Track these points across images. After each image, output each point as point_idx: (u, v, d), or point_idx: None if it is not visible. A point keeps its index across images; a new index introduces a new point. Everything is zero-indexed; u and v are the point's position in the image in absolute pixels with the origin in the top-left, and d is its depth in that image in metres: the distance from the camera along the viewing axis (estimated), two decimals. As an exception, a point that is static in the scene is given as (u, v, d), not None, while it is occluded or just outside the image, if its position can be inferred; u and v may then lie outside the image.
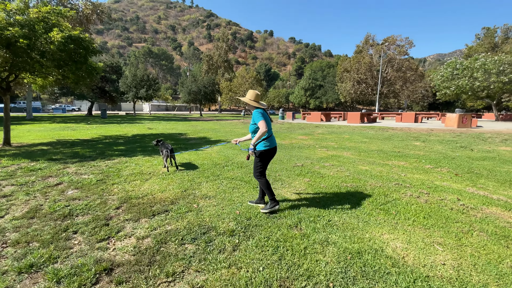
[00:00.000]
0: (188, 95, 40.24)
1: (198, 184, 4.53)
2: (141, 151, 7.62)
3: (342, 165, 5.89)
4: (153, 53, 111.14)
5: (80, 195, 3.98)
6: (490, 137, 10.50)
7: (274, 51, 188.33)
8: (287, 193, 4.08)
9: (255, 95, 3.38)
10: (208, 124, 20.11)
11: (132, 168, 5.63)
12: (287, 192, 4.11)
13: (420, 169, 5.59)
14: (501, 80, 20.83)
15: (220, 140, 10.10)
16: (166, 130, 14.45)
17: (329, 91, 63.13)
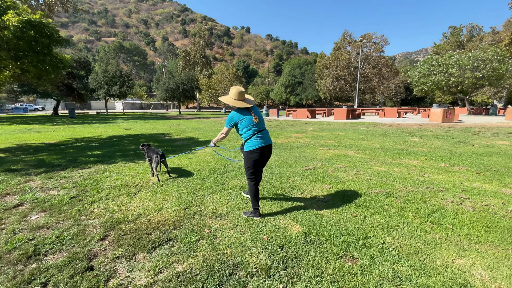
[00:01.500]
0: (165, 92, 38.25)
1: (200, 197, 3.72)
2: (121, 156, 6.58)
3: (356, 167, 5.35)
4: (125, 48, 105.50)
5: (49, 220, 3.02)
6: (479, 131, 10.65)
7: (251, 47, 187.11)
8: (312, 205, 3.42)
9: (238, 92, 3.07)
10: (191, 122, 18.96)
11: (113, 178, 4.65)
12: (312, 204, 3.44)
13: (438, 168, 5.20)
14: (475, 75, 21.80)
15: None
16: (146, 130, 13.21)
17: (308, 88, 63.63)
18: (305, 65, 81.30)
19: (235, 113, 3.08)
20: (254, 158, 3.03)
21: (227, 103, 3.11)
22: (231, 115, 3.08)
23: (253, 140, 3.03)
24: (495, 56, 21.68)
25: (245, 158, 3.10)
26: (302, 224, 2.89)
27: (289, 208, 3.30)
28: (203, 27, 69.39)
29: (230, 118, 3.06)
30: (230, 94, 3.12)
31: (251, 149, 3.02)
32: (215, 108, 77.48)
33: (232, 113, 3.08)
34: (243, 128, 3.06)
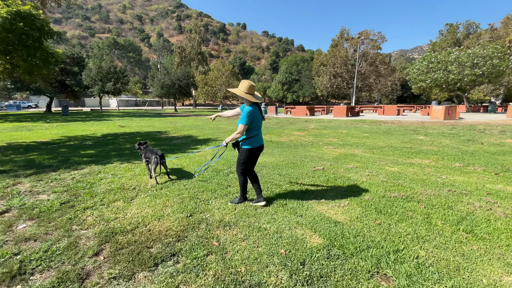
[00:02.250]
0: (160, 89, 37.61)
1: (205, 202, 3.40)
2: (117, 156, 6.20)
3: (367, 167, 5.07)
4: (119, 45, 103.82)
5: (36, 231, 2.68)
6: (485, 129, 10.47)
7: (247, 44, 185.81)
8: (329, 211, 3.12)
9: (249, 86, 3.02)
10: (188, 120, 18.54)
11: (108, 181, 4.30)
12: (328, 210, 3.14)
13: (453, 169, 4.94)
14: (475, 72, 21.70)
15: (210, 139, 8.86)
16: (142, 128, 12.78)
17: (305, 85, 63.34)
18: (301, 62, 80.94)
19: (252, 108, 2.96)
20: (252, 155, 3.13)
21: (239, 94, 3.00)
22: (250, 110, 2.93)
23: (255, 139, 3.10)
24: (495, 53, 21.60)
25: (242, 155, 3.13)
26: (322, 234, 2.59)
27: (304, 215, 3.00)
28: (199, 23, 68.55)
29: (248, 113, 2.92)
30: (241, 87, 3.04)
31: (250, 147, 3.08)
32: (211, 105, 76.77)
33: (249, 109, 2.94)
34: (253, 126, 3.04)
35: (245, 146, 3.12)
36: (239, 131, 2.98)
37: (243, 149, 3.14)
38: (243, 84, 3.04)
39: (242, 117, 2.97)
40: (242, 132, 2.99)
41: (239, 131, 2.98)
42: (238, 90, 3.04)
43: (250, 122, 3.00)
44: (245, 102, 3.09)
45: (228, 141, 3.10)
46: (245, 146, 3.12)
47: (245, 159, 3.14)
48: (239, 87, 3.06)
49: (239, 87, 3.06)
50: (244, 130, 2.99)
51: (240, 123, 2.97)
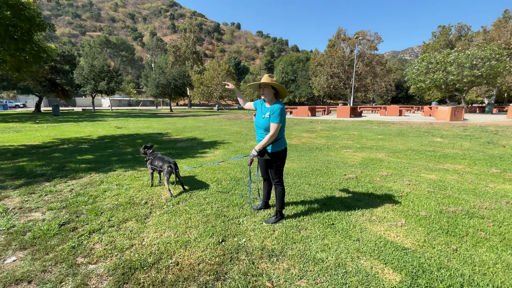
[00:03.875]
0: (156, 89, 36.66)
1: (234, 222, 2.85)
2: (119, 162, 5.58)
3: (402, 174, 4.59)
4: (111, 43, 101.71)
5: (30, 267, 2.09)
6: (496, 130, 10.20)
7: (242, 44, 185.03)
8: (388, 233, 2.61)
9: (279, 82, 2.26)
10: (187, 120, 17.85)
11: (114, 193, 3.70)
12: (387, 232, 2.64)
13: (494, 176, 4.52)
14: (474, 73, 21.68)
15: (217, 142, 8.28)
16: (141, 130, 12.09)
17: (302, 86, 63.13)
18: (296, 62, 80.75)
19: (282, 105, 2.64)
20: (284, 157, 2.78)
21: (275, 86, 2.64)
22: (281, 107, 2.59)
23: (283, 140, 2.77)
24: (492, 55, 21.62)
25: (276, 160, 2.73)
26: (396, 267, 2.08)
27: (361, 239, 2.49)
28: (194, 22, 67.64)
29: (281, 111, 2.58)
30: (269, 80, 2.65)
31: (283, 148, 2.73)
32: (206, 105, 75.79)
33: (281, 105, 2.62)
34: (283, 125, 2.72)
35: (277, 149, 2.70)
36: (274, 132, 2.58)
37: (276, 154, 2.70)
38: (273, 79, 2.68)
39: (275, 115, 2.56)
40: (277, 132, 2.60)
41: (274, 131, 2.58)
42: (271, 82, 2.63)
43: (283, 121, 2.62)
44: (269, 99, 2.69)
45: (261, 147, 2.67)
46: (276, 149, 2.70)
47: (280, 163, 2.76)
48: (267, 80, 2.64)
49: (270, 80, 2.65)
50: (279, 129, 2.61)
51: (274, 122, 2.57)
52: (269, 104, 2.69)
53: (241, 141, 8.40)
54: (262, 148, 2.71)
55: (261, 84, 2.66)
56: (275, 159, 2.71)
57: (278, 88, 2.65)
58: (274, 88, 2.66)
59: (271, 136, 2.58)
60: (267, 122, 2.63)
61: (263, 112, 2.72)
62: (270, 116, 2.59)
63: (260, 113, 2.77)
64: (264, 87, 2.69)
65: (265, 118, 2.67)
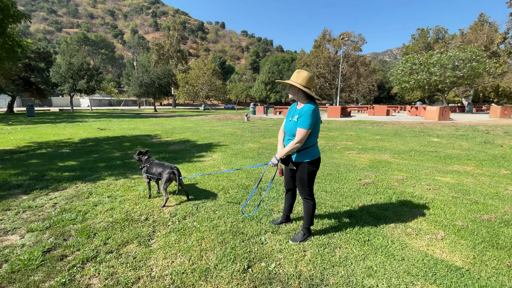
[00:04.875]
0: (139, 88, 35.31)
1: (256, 241, 2.46)
2: (107, 169, 5.00)
3: (417, 177, 4.38)
4: (90, 40, 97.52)
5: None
6: (486, 130, 10.42)
7: (227, 43, 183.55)
8: (431, 248, 2.32)
9: (309, 78, 2.25)
10: (175, 121, 17.13)
11: (106, 208, 3.19)
12: (430, 247, 2.34)
13: (508, 177, 4.40)
14: (456, 74, 22.43)
15: (212, 144, 7.81)
16: (126, 131, 11.34)
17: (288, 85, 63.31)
18: (282, 62, 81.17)
19: (315, 106, 2.23)
20: (316, 169, 2.37)
21: (299, 87, 2.21)
22: (313, 109, 2.19)
23: (315, 148, 2.36)
24: (473, 56, 22.47)
25: (304, 172, 2.33)
26: (462, 296, 1.77)
27: (406, 258, 2.18)
28: (177, 19, 66.07)
29: (313, 114, 2.17)
30: (299, 78, 2.25)
31: (314, 159, 2.33)
32: (192, 105, 74.30)
33: (312, 107, 2.20)
34: (315, 131, 2.32)
35: (306, 159, 2.31)
36: (300, 139, 2.19)
37: (304, 164, 2.32)
38: (300, 74, 2.26)
39: (304, 118, 2.17)
40: (304, 139, 2.21)
41: (300, 138, 2.19)
42: (295, 81, 2.26)
43: (314, 125, 2.23)
44: (300, 99, 2.30)
45: (283, 155, 2.31)
46: (306, 159, 2.31)
47: (310, 176, 2.35)
48: (294, 78, 2.28)
49: (296, 78, 2.27)
50: (307, 136, 2.21)
51: (301, 127, 2.19)
52: (300, 105, 2.32)
53: (237, 143, 7.98)
54: (285, 156, 2.34)
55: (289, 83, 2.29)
56: (302, 171, 2.33)
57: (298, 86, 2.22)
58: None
59: (296, 143, 2.20)
60: (295, 127, 2.26)
61: (292, 115, 2.35)
62: (298, 120, 2.22)
63: (290, 115, 2.40)
64: (289, 86, 2.33)
65: (293, 121, 2.30)
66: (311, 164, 2.31)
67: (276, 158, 2.34)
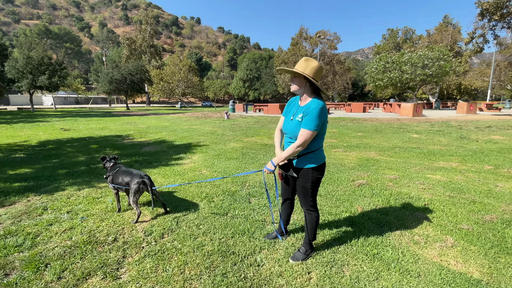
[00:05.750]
0: (109, 84, 33.20)
1: (252, 263, 2.08)
2: (68, 177, 4.33)
3: (409, 176, 4.23)
4: (53, 33, 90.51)
5: None
6: (459, 125, 10.89)
7: (203, 39, 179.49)
8: (444, 258, 2.09)
9: (317, 69, 1.85)
10: (149, 120, 16.13)
11: (65, 227, 2.63)
12: (443, 257, 2.11)
13: (494, 173, 4.41)
14: (425, 73, 23.54)
15: (191, 145, 7.27)
16: (94, 132, 10.36)
17: (266, 83, 63.22)
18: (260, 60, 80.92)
19: (324, 103, 1.85)
20: (321, 176, 2.01)
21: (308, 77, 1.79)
22: (322, 106, 1.81)
23: (321, 152, 1.99)
24: (441, 55, 23.72)
25: (308, 179, 1.96)
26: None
27: (422, 273, 1.92)
28: (150, 13, 63.07)
29: (322, 112, 1.80)
30: (307, 69, 1.82)
31: (319, 164, 1.96)
32: (167, 103, 71.72)
33: (320, 104, 1.81)
34: (322, 132, 1.94)
35: (310, 165, 1.94)
36: (303, 142, 1.82)
37: (308, 171, 1.95)
38: (309, 63, 1.83)
39: (310, 118, 1.79)
40: (308, 142, 1.84)
41: (304, 141, 1.81)
42: (304, 69, 1.81)
43: (320, 126, 1.85)
44: (306, 93, 1.89)
45: (281, 161, 1.93)
46: (309, 165, 1.94)
47: (314, 184, 1.99)
48: (302, 67, 1.83)
49: (303, 67, 1.83)
50: (311, 139, 1.84)
51: (306, 128, 1.81)
52: (303, 101, 1.94)
53: (219, 142, 7.50)
54: (285, 161, 1.97)
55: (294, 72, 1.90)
56: (305, 179, 1.97)
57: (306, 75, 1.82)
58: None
59: (298, 147, 1.83)
60: (297, 127, 1.88)
61: (294, 113, 1.98)
62: (303, 119, 1.85)
63: (290, 113, 2.02)
64: (294, 77, 1.93)
65: (295, 121, 1.91)
66: (315, 170, 1.96)
67: (272, 163, 1.96)
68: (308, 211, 2.08)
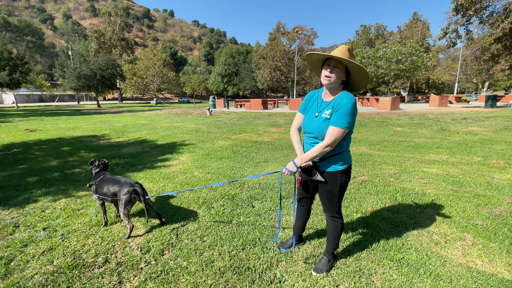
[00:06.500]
0: (77, 80, 30.88)
1: (272, 280, 1.86)
2: (40, 185, 3.80)
3: (407, 171, 4.21)
4: (12, 26, 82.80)
5: None
6: (436, 118, 11.36)
7: (177, 33, 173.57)
8: (469, 259, 2.00)
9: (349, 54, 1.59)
10: (125, 118, 15.17)
11: (43, 248, 2.22)
12: (467, 258, 2.03)
13: (484, 164, 4.53)
14: (399, 68, 24.48)
15: (176, 144, 6.83)
16: (65, 132, 9.47)
17: (245, 78, 62.61)
18: (237, 55, 79.98)
19: (355, 100, 1.62)
20: (349, 179, 1.81)
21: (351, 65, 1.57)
22: (355, 103, 1.60)
23: (349, 150, 1.80)
24: (413, 51, 24.76)
25: (335, 183, 1.76)
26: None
27: (457, 280, 1.81)
28: (119, 4, 59.56)
29: (354, 108, 1.59)
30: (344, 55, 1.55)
31: (347, 166, 1.76)
32: (141, 99, 68.67)
33: (352, 99, 1.59)
34: (351, 130, 1.72)
35: (338, 167, 1.73)
36: (333, 141, 1.59)
37: (336, 174, 1.74)
38: (353, 54, 1.60)
39: (342, 114, 1.56)
40: (337, 142, 1.62)
41: (334, 140, 1.59)
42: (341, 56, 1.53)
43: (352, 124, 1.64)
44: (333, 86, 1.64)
45: (305, 162, 1.69)
46: (337, 167, 1.73)
47: (342, 189, 1.79)
48: (340, 54, 1.55)
49: (341, 54, 1.55)
50: (341, 138, 1.62)
51: (338, 126, 1.58)
52: (330, 95, 1.71)
53: (206, 141, 7.13)
54: (310, 164, 1.75)
55: (330, 59, 1.62)
56: (333, 183, 1.76)
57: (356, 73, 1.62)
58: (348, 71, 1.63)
59: (326, 147, 1.60)
60: (325, 125, 1.65)
61: (318, 109, 1.74)
62: (332, 115, 1.62)
63: (314, 109, 1.78)
64: (334, 66, 1.62)
65: (321, 118, 1.68)
66: (344, 173, 1.75)
67: (295, 164, 1.71)
68: (333, 218, 1.89)
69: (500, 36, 14.08)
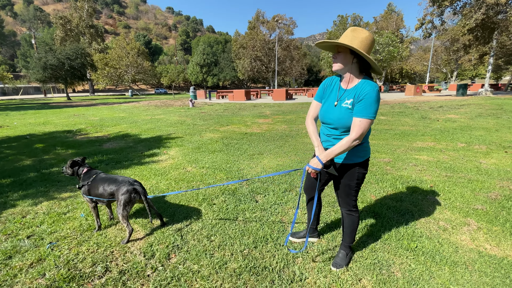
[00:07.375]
0: (43, 71, 28.55)
1: (292, 278, 1.78)
2: (17, 188, 3.43)
3: (401, 159, 4.30)
4: (-42, 9, 73.91)
5: None
6: (414, 106, 11.83)
7: (151, 21, 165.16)
8: (477, 243, 2.05)
9: (371, 42, 1.47)
10: (101, 110, 14.25)
11: (31, 260, 1.97)
12: (465, 239, 2.08)
13: (469, 150, 4.74)
14: (377, 58, 25.07)
15: (162, 137, 6.49)
16: (35, 128, 8.69)
17: (225, 69, 61.27)
18: (216, 44, 77.78)
19: (378, 87, 1.50)
20: (366, 171, 1.74)
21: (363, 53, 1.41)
22: (378, 90, 1.48)
23: (368, 142, 1.73)
24: (389, 41, 25.43)
25: (353, 176, 1.70)
26: None
27: (472, 265, 1.83)
28: (86, -12, 55.17)
29: (379, 96, 1.49)
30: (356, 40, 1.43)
31: (366, 158, 1.70)
32: (115, 91, 65.19)
33: (376, 87, 1.47)
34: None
35: (357, 159, 1.66)
36: (361, 134, 1.48)
37: (354, 167, 1.68)
38: (357, 34, 1.44)
39: (367, 103, 1.45)
40: (365, 134, 1.51)
41: (362, 132, 1.48)
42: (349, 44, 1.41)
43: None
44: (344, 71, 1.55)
45: (331, 157, 1.58)
46: (355, 159, 1.66)
47: (360, 182, 1.72)
48: (347, 39, 1.44)
49: (349, 39, 1.44)
50: (368, 129, 1.52)
51: (364, 117, 1.47)
52: (349, 82, 1.58)
53: (193, 133, 6.85)
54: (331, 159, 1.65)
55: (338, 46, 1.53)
56: (350, 177, 1.69)
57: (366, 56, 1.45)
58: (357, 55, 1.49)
59: (354, 140, 1.49)
60: (348, 116, 1.54)
61: (338, 98, 1.63)
62: (355, 105, 1.51)
63: (333, 97, 1.66)
64: (338, 51, 1.53)
65: (341, 107, 1.57)
66: (361, 166, 1.68)
67: (320, 160, 1.60)
68: (349, 212, 1.82)
69: (473, 27, 14.78)
